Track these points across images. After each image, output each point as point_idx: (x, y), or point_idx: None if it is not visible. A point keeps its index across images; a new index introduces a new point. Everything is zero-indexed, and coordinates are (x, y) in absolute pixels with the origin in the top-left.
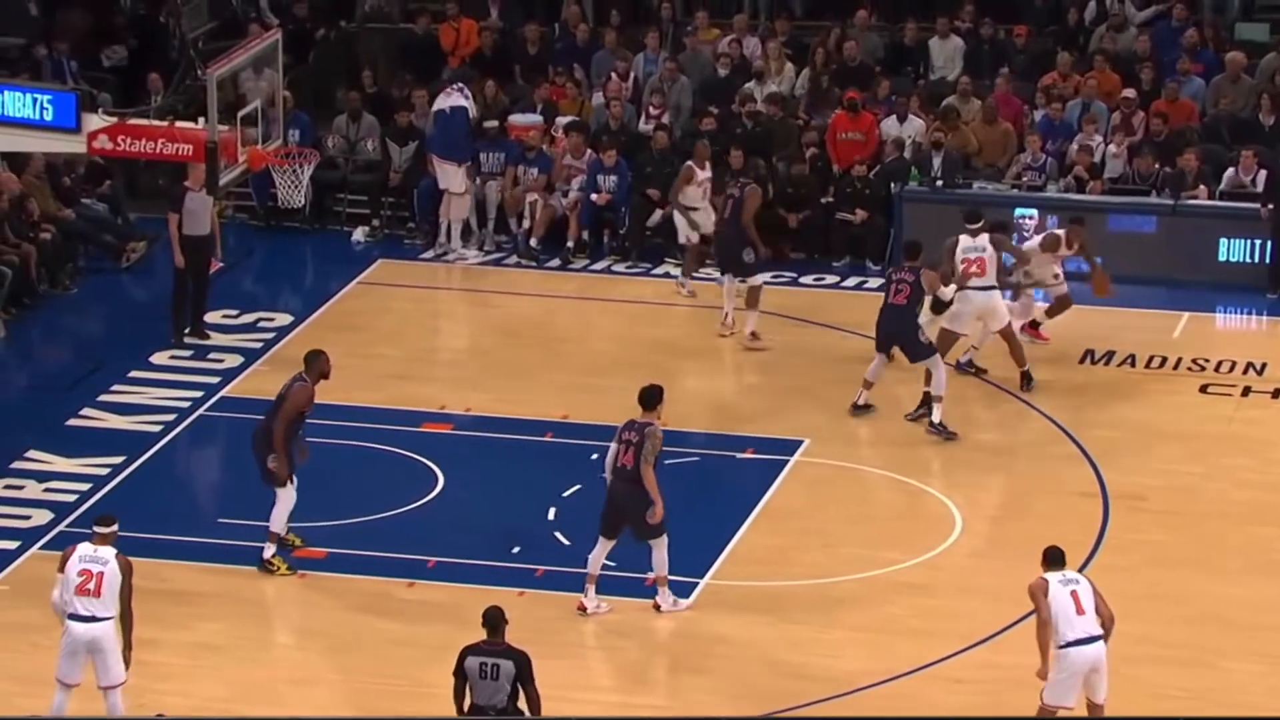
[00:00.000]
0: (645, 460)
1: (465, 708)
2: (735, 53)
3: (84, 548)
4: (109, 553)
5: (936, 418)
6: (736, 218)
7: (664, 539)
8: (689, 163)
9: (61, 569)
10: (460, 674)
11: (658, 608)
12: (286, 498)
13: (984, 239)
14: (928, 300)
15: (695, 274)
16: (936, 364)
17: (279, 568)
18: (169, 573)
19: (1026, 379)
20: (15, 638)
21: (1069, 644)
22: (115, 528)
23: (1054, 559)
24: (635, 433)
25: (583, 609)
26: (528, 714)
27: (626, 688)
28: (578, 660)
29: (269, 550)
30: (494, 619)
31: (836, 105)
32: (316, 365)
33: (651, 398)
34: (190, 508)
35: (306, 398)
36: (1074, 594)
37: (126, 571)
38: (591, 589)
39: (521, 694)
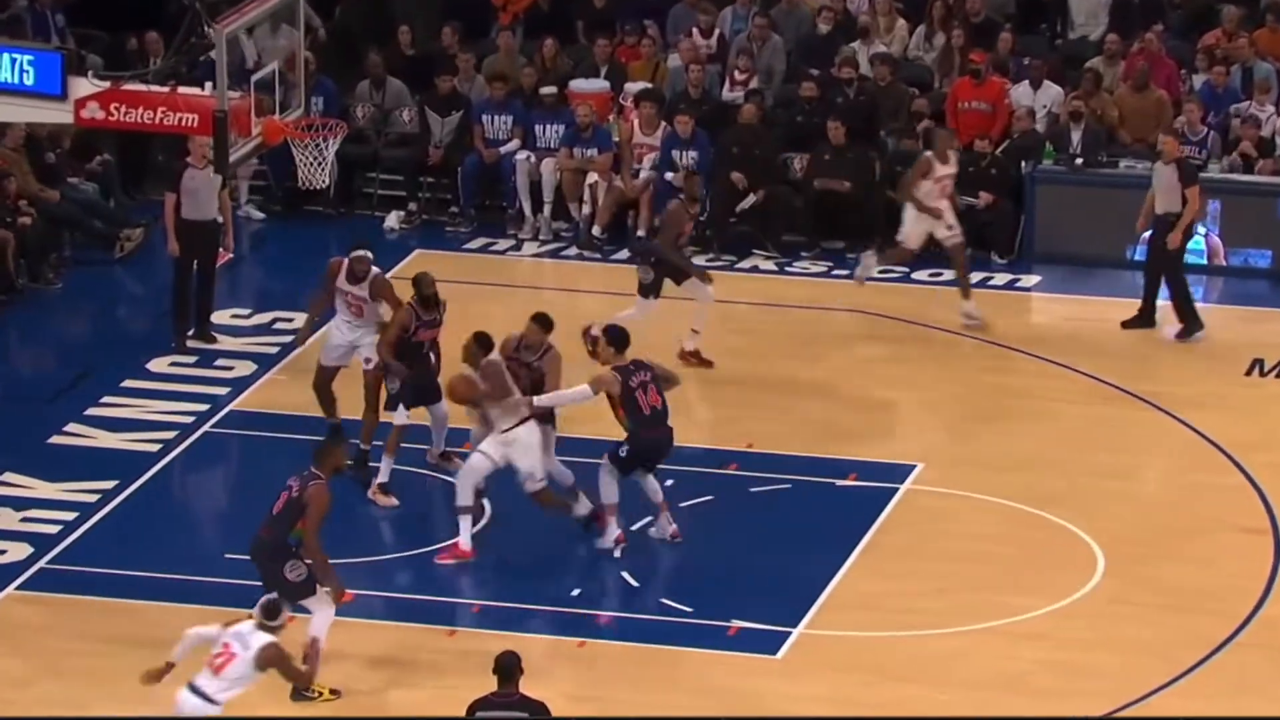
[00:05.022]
0: (674, 383)
1: None
2: (838, 7)
3: (246, 625)
4: (261, 640)
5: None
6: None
7: None
8: (927, 153)
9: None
10: None
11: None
12: (326, 609)
13: None
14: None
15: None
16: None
17: (321, 693)
18: (167, 617)
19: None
20: None
21: None
22: (282, 619)
23: None
24: (645, 372)
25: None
26: None
27: None
28: None
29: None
30: (507, 666)
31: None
32: (331, 460)
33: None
34: (192, 541)
35: (329, 499)
36: None
37: (264, 665)
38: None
39: None
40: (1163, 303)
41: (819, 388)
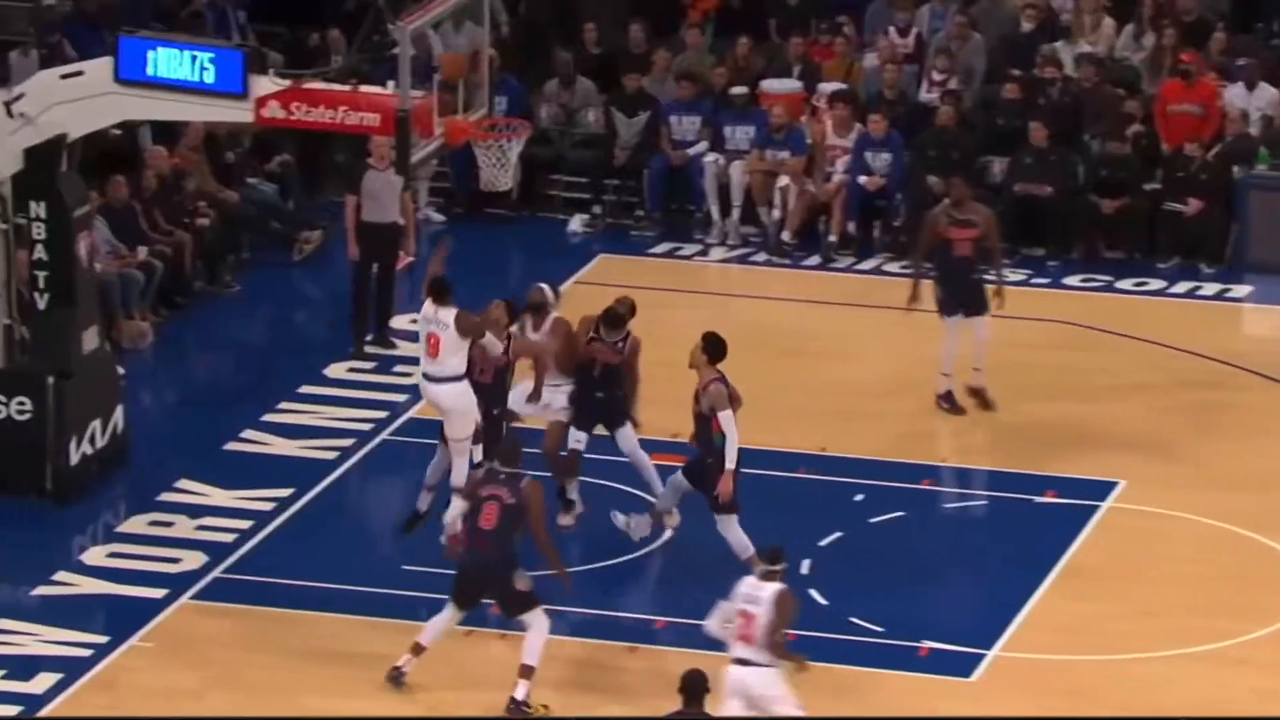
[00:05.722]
0: (739, 403)
1: None
2: (1042, 4)
3: (747, 583)
4: (769, 591)
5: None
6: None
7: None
8: None
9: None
10: None
11: None
12: (544, 624)
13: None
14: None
15: None
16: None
17: (534, 709)
18: (343, 629)
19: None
20: (161, 704)
21: None
22: (784, 563)
23: None
24: (730, 386)
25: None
26: None
27: None
28: None
29: (522, 689)
30: (694, 685)
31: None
32: (518, 453)
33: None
34: (370, 552)
35: (543, 490)
36: None
37: (782, 610)
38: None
39: None
40: None
41: (1017, 400)
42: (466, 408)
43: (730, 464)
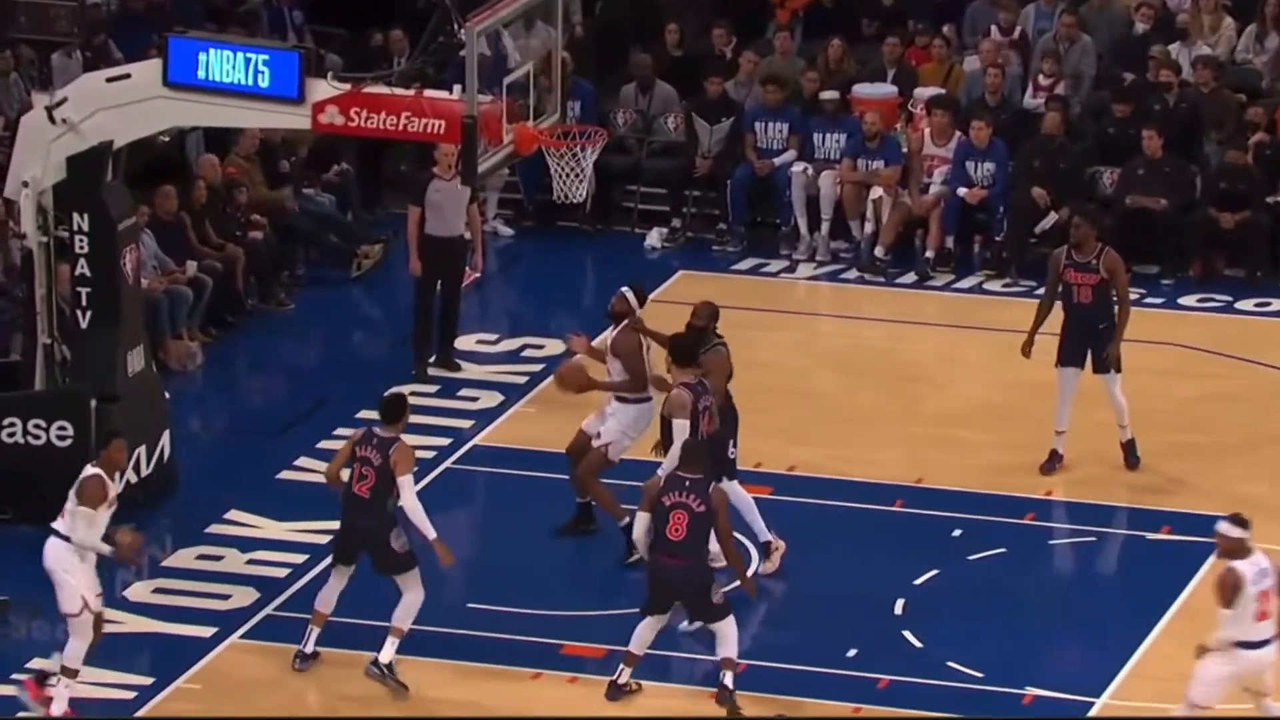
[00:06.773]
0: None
1: None
2: (1157, 3)
3: (1256, 561)
4: (1267, 562)
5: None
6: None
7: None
8: None
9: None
10: None
11: None
12: (733, 628)
13: None
14: None
15: None
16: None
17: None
18: (405, 672)
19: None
20: None
21: None
22: (1247, 532)
23: None
24: (708, 396)
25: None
26: None
27: None
28: None
29: (729, 677)
30: None
31: None
32: (701, 459)
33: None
34: (433, 589)
35: (728, 497)
36: None
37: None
38: None
39: None
40: None
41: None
42: (64, 578)
43: (660, 472)
